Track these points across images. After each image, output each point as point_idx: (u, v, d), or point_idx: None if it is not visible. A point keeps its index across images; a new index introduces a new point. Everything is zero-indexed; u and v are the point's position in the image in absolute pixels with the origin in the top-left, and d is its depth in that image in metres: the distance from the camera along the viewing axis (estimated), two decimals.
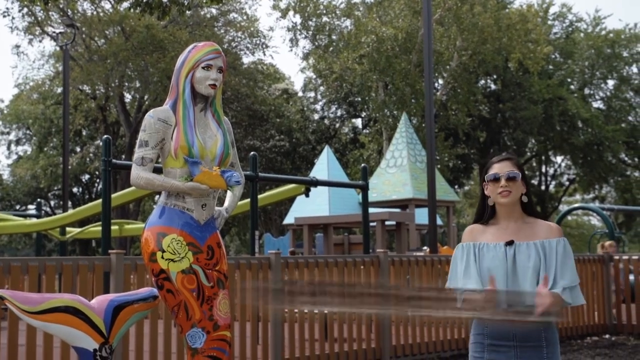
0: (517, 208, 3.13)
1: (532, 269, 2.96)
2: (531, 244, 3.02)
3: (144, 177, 3.76)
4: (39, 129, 35.35)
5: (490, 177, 3.15)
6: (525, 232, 3.07)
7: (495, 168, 3.17)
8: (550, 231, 3.08)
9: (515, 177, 3.10)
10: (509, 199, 3.09)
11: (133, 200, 14.56)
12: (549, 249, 3.01)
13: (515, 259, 3.00)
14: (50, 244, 35.12)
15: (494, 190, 3.12)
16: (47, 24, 28.61)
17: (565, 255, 3.02)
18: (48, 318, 3.00)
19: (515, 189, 3.09)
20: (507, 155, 3.22)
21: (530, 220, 3.13)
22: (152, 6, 9.35)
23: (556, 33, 35.13)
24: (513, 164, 3.16)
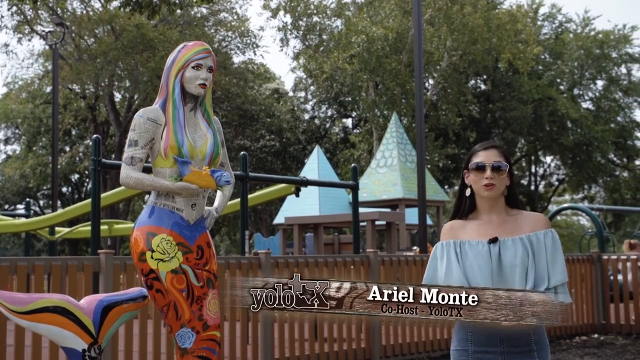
0: (501, 201, 2.89)
1: (520, 267, 2.71)
2: (517, 239, 2.77)
3: (133, 176, 3.75)
4: (28, 128, 35.19)
5: (474, 166, 2.88)
6: (509, 226, 2.83)
7: (480, 156, 2.89)
8: (536, 223, 2.84)
9: (501, 168, 2.85)
10: (494, 192, 2.84)
11: (122, 200, 14.51)
12: (536, 243, 2.77)
13: (500, 257, 2.75)
14: (39, 243, 34.97)
15: (477, 180, 2.85)
16: (37, 22, 28.50)
17: (554, 248, 2.79)
18: (37, 318, 2.99)
19: (500, 181, 2.84)
20: (493, 143, 2.97)
21: (514, 213, 2.89)
22: (142, 5, 9.32)
23: (546, 33, 35.24)
24: (500, 152, 2.90)
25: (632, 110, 35.43)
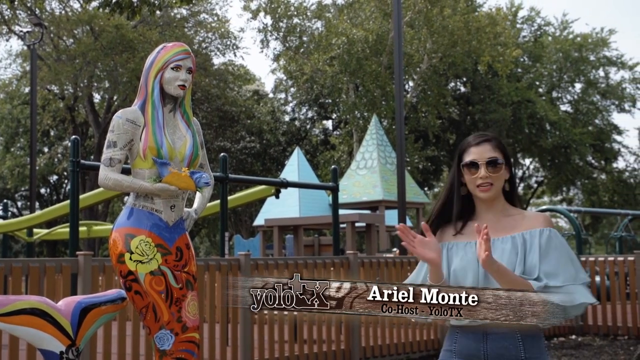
0: (499, 199, 2.61)
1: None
2: (507, 238, 2.50)
3: (112, 178, 3.73)
4: (6, 129, 34.86)
5: (466, 164, 2.59)
6: (504, 226, 2.55)
7: (472, 152, 2.60)
8: (534, 221, 2.53)
9: (497, 163, 2.56)
10: (491, 192, 2.56)
11: (101, 201, 14.44)
12: (529, 241, 2.47)
13: None
14: (17, 245, 34.67)
15: (471, 180, 2.57)
16: (14, 22, 28.24)
17: (549, 246, 2.45)
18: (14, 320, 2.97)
19: (497, 179, 2.56)
20: (486, 136, 2.65)
21: (513, 212, 2.60)
22: (121, 6, 9.28)
23: (525, 36, 35.50)
24: (494, 146, 2.60)
25: (609, 113, 35.80)
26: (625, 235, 18.42)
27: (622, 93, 35.15)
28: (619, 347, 8.98)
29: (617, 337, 9.80)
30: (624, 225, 18.60)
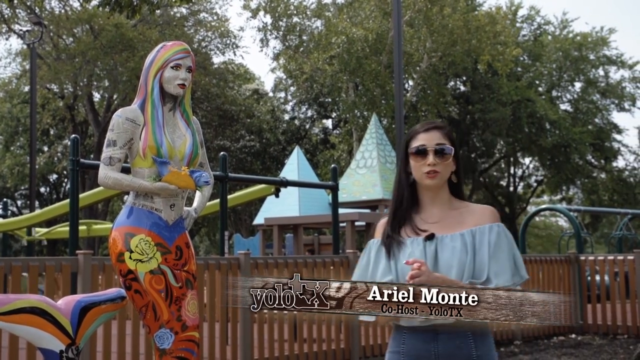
0: (444, 191, 2.52)
1: (457, 267, 2.34)
2: (457, 235, 2.40)
3: (111, 177, 3.73)
4: (6, 128, 34.85)
5: (414, 150, 2.50)
6: (451, 221, 2.46)
7: (420, 139, 2.51)
8: (482, 216, 2.46)
9: (445, 151, 2.48)
10: (437, 180, 2.47)
11: (101, 200, 14.44)
12: (479, 239, 2.39)
13: (437, 256, 2.39)
14: (17, 244, 34.67)
15: (417, 167, 2.48)
16: (14, 21, 28.23)
17: (499, 244, 2.38)
18: (14, 319, 2.97)
19: (444, 167, 2.48)
20: (435, 123, 2.58)
21: (459, 206, 2.52)
22: (121, 5, 9.26)
23: (525, 35, 35.48)
24: (443, 134, 2.52)
25: (609, 112, 35.79)
26: (626, 234, 18.42)
27: (622, 92, 35.13)
28: (619, 346, 8.98)
29: (616, 336, 9.80)
30: (624, 224, 18.60)
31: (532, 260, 9.83)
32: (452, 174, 2.53)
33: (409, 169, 2.53)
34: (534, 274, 9.78)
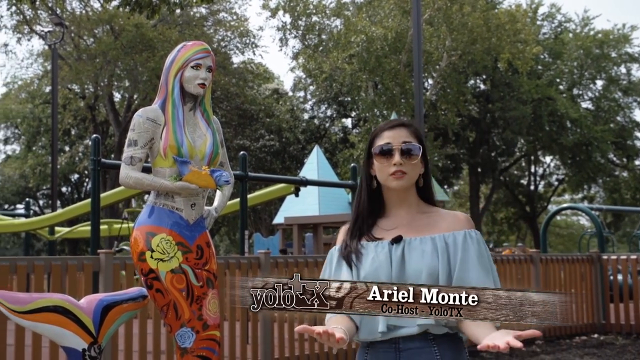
0: (412, 193, 2.31)
1: (427, 272, 2.15)
2: (427, 238, 2.20)
3: (133, 176, 3.75)
4: (28, 128, 35.20)
5: (378, 150, 2.28)
6: (420, 224, 2.26)
7: (385, 137, 2.30)
8: (455, 221, 2.25)
9: (413, 151, 2.27)
10: (404, 181, 2.25)
11: (122, 199, 14.51)
12: (452, 245, 2.19)
13: (404, 259, 2.19)
14: (39, 243, 34.98)
15: (382, 168, 2.27)
16: (36, 22, 28.50)
17: (479, 253, 2.18)
18: (37, 318, 2.99)
19: (412, 168, 2.27)
20: (402, 120, 2.39)
21: (428, 210, 2.31)
22: (141, 5, 9.32)
23: (545, 33, 35.26)
24: (411, 132, 2.31)
25: (631, 110, 35.47)
26: None
27: None
28: None
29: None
30: None
31: (554, 259, 9.76)
32: (420, 177, 2.32)
33: (373, 171, 2.31)
34: (555, 274, 9.72)
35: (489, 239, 40.65)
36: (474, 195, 35.56)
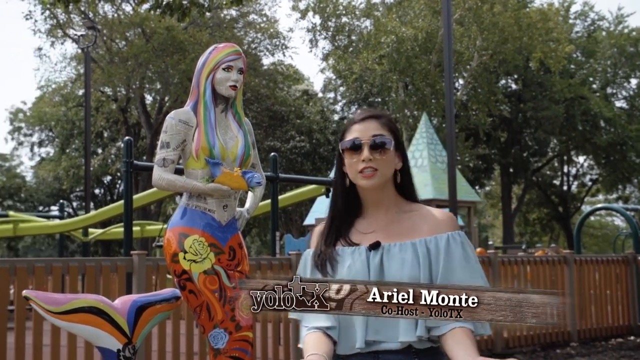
0: (389, 192, 2.12)
1: (408, 282, 1.98)
2: (407, 244, 2.02)
3: (165, 178, 3.77)
4: (61, 131, 35.64)
5: (347, 145, 2.09)
6: (400, 227, 2.07)
7: (354, 131, 2.11)
8: (438, 223, 2.06)
9: (385, 145, 2.06)
10: (375, 180, 2.05)
11: (154, 201, 14.62)
12: (435, 251, 2.01)
13: (382, 268, 2.03)
14: (73, 245, 35.40)
15: (352, 165, 2.07)
16: (69, 26, 28.85)
17: (463, 257, 1.99)
18: (72, 318, 3.01)
19: (384, 164, 2.06)
20: (373, 112, 2.16)
21: (409, 209, 2.12)
22: (172, 8, 9.38)
23: (578, 32, 34.88)
24: (381, 124, 2.10)
25: None
26: None
27: None
28: None
29: None
30: None
31: (588, 260, 9.65)
32: (397, 172, 2.12)
33: (345, 169, 2.12)
34: (589, 275, 9.60)
35: (521, 240, 40.29)
36: (505, 196, 35.27)
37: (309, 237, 3.68)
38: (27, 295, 3.04)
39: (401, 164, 2.12)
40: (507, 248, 24.96)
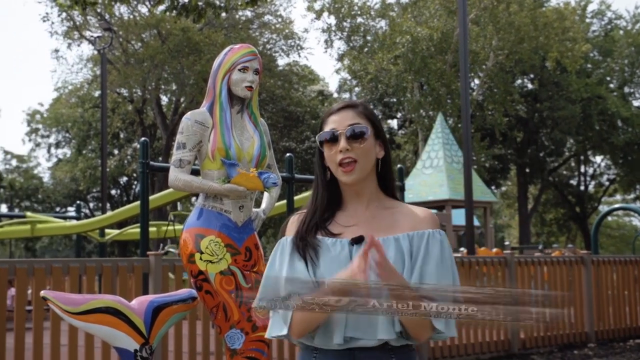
0: (371, 185, 2.06)
1: None
2: (390, 239, 1.97)
3: (182, 179, 3.79)
4: (78, 132, 35.84)
5: (324, 137, 2.03)
6: (382, 222, 2.02)
7: (331, 122, 2.04)
8: (419, 219, 2.01)
9: (364, 134, 2.01)
10: (355, 174, 2.00)
11: (170, 202, 14.66)
12: (416, 246, 1.96)
13: None
14: (90, 245, 35.59)
15: (331, 156, 2.01)
16: (85, 28, 29.02)
17: (441, 254, 1.96)
18: (90, 319, 3.03)
19: (363, 154, 2.01)
20: (348, 102, 2.09)
21: (391, 204, 2.06)
22: (187, 9, 9.41)
23: (595, 31, 34.66)
24: (358, 112, 2.05)
25: None
26: None
27: None
28: None
29: None
30: None
31: (606, 261, 9.58)
32: (379, 162, 2.06)
33: (325, 162, 2.06)
34: (607, 275, 9.54)
35: (537, 240, 40.09)
36: (522, 196, 35.11)
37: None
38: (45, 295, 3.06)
39: (383, 152, 2.08)
40: (523, 248, 24.85)
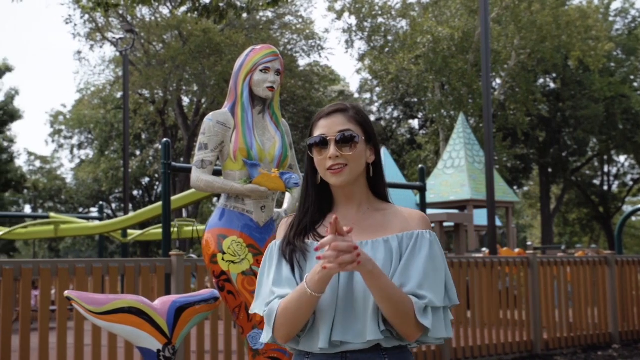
0: (361, 188, 2.04)
1: None
2: (379, 241, 1.94)
3: (204, 179, 3.80)
4: (100, 133, 36.08)
5: (314, 142, 2.01)
6: (371, 223, 2.00)
7: (320, 126, 2.02)
8: (410, 220, 1.99)
9: (352, 138, 1.97)
10: (344, 176, 1.97)
11: (192, 202, 14.72)
12: (405, 246, 1.93)
13: None
14: (112, 245, 35.81)
15: (320, 162, 1.99)
16: (108, 30, 29.23)
17: (433, 256, 1.91)
18: (113, 319, 3.05)
19: (353, 159, 1.97)
20: (339, 105, 2.06)
21: (382, 207, 2.04)
22: (209, 10, 9.44)
23: (618, 29, 34.35)
24: (348, 117, 2.01)
25: None
26: None
27: None
28: None
29: None
30: None
31: (630, 261, 9.49)
32: (370, 166, 2.03)
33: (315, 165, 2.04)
34: (632, 276, 9.44)
35: (560, 241, 39.80)
36: (544, 196, 34.87)
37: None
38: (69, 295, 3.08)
39: (373, 157, 2.04)
40: (546, 249, 24.67)
